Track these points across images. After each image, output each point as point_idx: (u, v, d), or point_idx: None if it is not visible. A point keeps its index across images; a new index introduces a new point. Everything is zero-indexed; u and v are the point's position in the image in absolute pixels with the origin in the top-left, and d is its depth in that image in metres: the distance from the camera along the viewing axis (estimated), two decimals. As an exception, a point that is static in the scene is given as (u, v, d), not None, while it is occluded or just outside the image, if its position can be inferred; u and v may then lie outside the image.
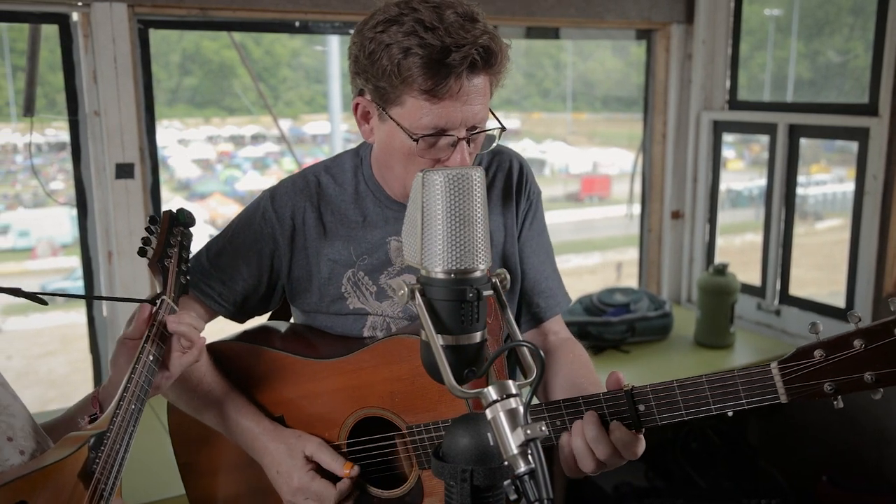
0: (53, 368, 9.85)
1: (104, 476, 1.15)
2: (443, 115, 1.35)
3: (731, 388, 1.24)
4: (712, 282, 3.23)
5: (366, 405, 1.50)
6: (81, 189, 2.67)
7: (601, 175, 15.39)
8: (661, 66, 3.68)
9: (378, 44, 1.35)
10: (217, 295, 1.57)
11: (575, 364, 1.55)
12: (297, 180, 1.59)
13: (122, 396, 1.22)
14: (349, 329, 1.58)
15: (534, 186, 1.66)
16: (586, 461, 1.30)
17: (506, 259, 1.62)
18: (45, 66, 2.83)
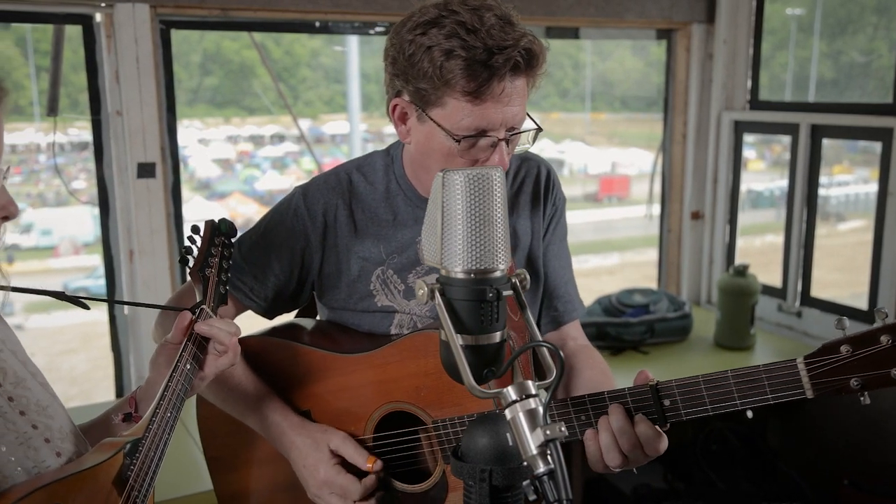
0: (75, 366, 9.94)
1: (138, 483, 1.15)
2: (484, 117, 1.37)
3: (757, 382, 1.24)
4: (732, 283, 3.21)
5: (392, 399, 1.51)
6: (103, 188, 2.70)
7: (620, 175, 15.32)
8: (682, 65, 3.66)
9: (418, 46, 1.37)
10: (248, 290, 1.59)
11: (595, 370, 1.57)
12: (329, 178, 1.60)
13: (158, 404, 1.22)
14: (376, 326, 1.59)
15: (560, 193, 1.70)
16: (612, 455, 1.31)
17: (532, 260, 1.65)
18: (68, 67, 2.86)
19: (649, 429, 1.29)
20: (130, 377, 2.82)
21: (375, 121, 12.02)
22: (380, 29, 3.03)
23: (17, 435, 1.10)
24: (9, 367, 1.16)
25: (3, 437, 1.08)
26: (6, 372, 1.15)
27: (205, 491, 2.17)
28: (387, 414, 1.53)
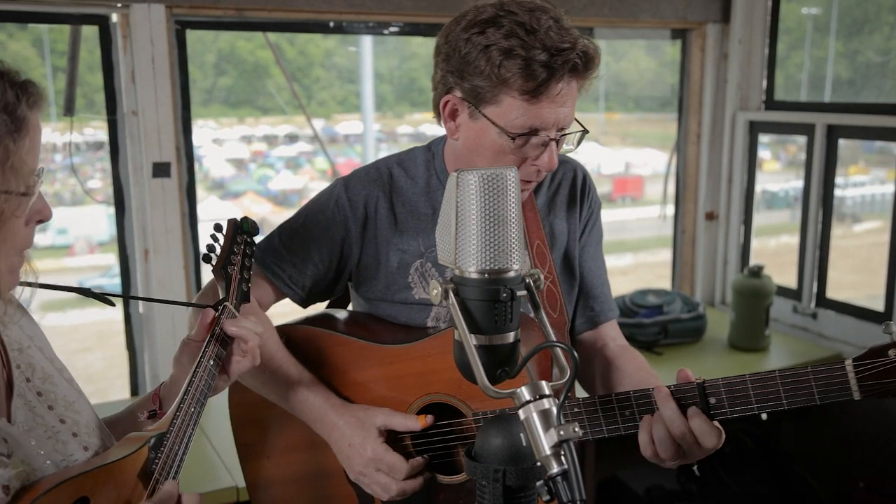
0: (90, 364, 10.00)
1: (162, 476, 1.16)
2: (538, 116, 1.40)
3: (804, 383, 1.26)
4: (747, 284, 3.19)
5: (432, 391, 1.53)
6: (119, 187, 2.72)
7: (634, 176, 15.26)
8: (697, 65, 3.64)
9: (474, 45, 1.39)
10: (288, 277, 1.60)
11: (642, 371, 1.58)
12: (370, 170, 1.63)
13: (182, 399, 1.23)
14: (413, 319, 1.61)
15: (595, 197, 1.73)
16: (665, 446, 1.32)
17: (568, 260, 1.68)
18: (84, 67, 2.88)
19: (704, 422, 1.30)
20: (145, 375, 2.84)
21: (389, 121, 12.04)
22: (394, 29, 3.04)
23: (45, 429, 1.12)
24: (37, 363, 1.18)
25: (33, 431, 1.10)
26: (34, 368, 1.17)
27: (223, 488, 2.18)
28: (426, 405, 1.54)
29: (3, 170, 0.97)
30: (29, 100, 1.00)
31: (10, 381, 1.12)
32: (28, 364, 1.16)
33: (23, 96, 1.00)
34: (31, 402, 1.13)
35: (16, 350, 1.16)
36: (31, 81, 1.02)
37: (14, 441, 1.06)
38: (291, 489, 1.67)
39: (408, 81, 12.07)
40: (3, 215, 0.99)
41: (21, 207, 1.01)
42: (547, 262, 1.62)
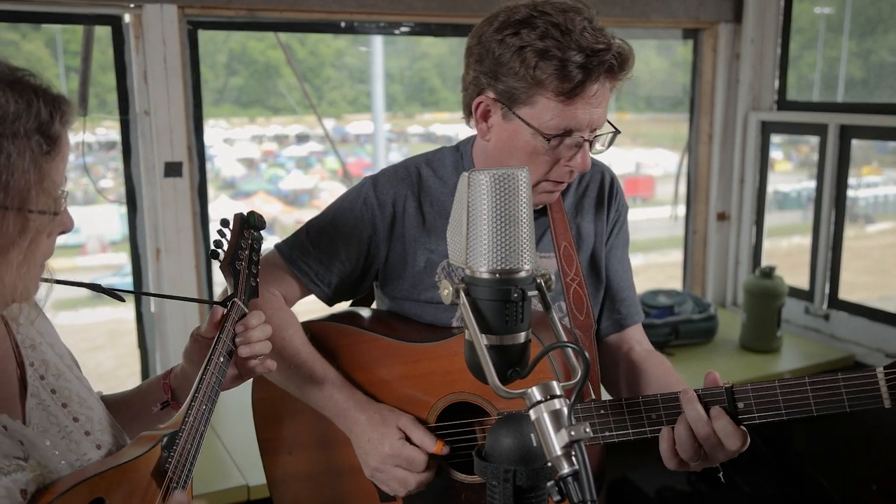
0: (101, 362, 10.04)
1: (176, 475, 1.17)
2: (573, 117, 1.41)
3: (834, 390, 1.25)
4: (759, 284, 3.18)
5: (457, 390, 1.53)
6: (131, 187, 2.73)
7: (644, 176, 15.22)
8: (708, 65, 3.63)
9: (508, 46, 1.40)
10: (314, 274, 1.61)
11: (669, 376, 1.58)
12: (398, 170, 1.63)
13: (193, 397, 1.24)
14: (439, 318, 1.62)
15: (622, 200, 1.73)
16: (686, 447, 1.32)
17: (595, 262, 1.68)
18: (97, 67, 2.89)
19: (728, 424, 1.30)
20: (157, 374, 2.84)
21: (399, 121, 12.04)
22: (405, 29, 3.04)
23: (59, 429, 1.12)
24: (49, 359, 1.18)
25: (48, 432, 1.10)
26: (48, 364, 1.17)
27: (234, 486, 2.19)
28: (450, 404, 1.54)
29: (37, 191, 0.98)
30: (62, 118, 1.01)
31: (23, 379, 1.13)
32: (41, 361, 1.17)
33: (56, 114, 1.00)
34: (45, 400, 1.13)
35: (28, 347, 1.16)
36: (63, 97, 1.02)
37: (30, 443, 1.06)
38: (312, 485, 1.67)
39: (418, 81, 12.07)
40: (35, 234, 0.99)
41: (51, 225, 1.02)
42: (574, 264, 1.61)
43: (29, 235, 0.98)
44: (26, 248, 0.99)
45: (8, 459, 1.01)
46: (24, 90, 0.97)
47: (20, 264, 0.99)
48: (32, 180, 0.96)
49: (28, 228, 0.98)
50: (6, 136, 0.94)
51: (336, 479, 1.64)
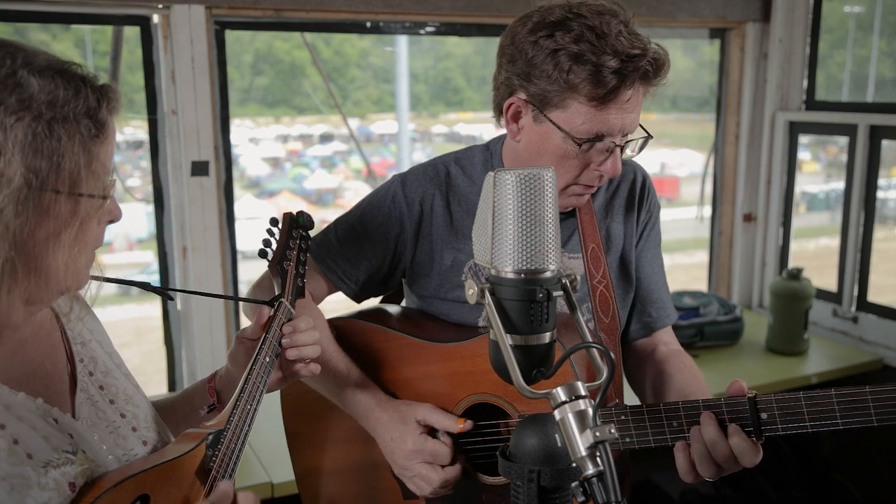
0: (128, 359, 10.10)
1: (220, 473, 1.17)
2: (605, 122, 1.39)
3: (862, 404, 1.22)
4: (786, 286, 3.14)
5: (479, 391, 1.53)
6: (159, 185, 2.76)
7: (670, 176, 15.10)
8: (736, 65, 3.60)
9: (542, 48, 1.38)
10: (342, 272, 1.62)
11: (686, 374, 1.56)
12: (427, 168, 1.63)
13: (238, 397, 1.25)
14: (465, 317, 1.61)
15: (654, 200, 1.70)
16: (705, 465, 1.31)
17: (624, 264, 1.66)
18: (124, 67, 2.92)
19: (743, 441, 1.28)
20: (182, 371, 2.88)
21: (423, 120, 12.05)
22: (430, 29, 3.04)
23: (107, 423, 1.14)
24: (98, 357, 1.20)
25: (96, 426, 1.12)
26: (96, 362, 1.19)
27: (257, 484, 2.20)
28: (473, 404, 1.54)
29: (87, 175, 1.00)
30: (109, 104, 1.03)
31: (73, 375, 1.15)
32: (91, 358, 1.19)
33: (104, 101, 1.02)
34: (93, 396, 1.15)
35: (79, 344, 1.18)
36: (109, 86, 1.04)
37: (79, 437, 1.08)
38: (339, 480, 1.69)
39: (443, 81, 12.08)
40: (85, 218, 1.01)
41: (100, 210, 1.04)
42: (601, 267, 1.59)
43: (79, 219, 1.00)
44: (77, 232, 1.01)
45: (58, 453, 1.03)
46: (72, 77, 1.00)
47: (71, 247, 1.00)
48: (82, 163, 0.99)
49: (78, 212, 1.00)
50: (57, 120, 0.96)
51: (362, 475, 1.65)
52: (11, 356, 1.06)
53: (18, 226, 0.95)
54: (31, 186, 0.95)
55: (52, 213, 0.98)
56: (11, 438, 0.99)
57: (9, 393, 1.02)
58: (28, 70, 0.97)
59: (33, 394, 1.05)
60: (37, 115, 0.95)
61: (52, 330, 1.16)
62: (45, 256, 0.99)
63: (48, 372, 1.11)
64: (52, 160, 0.96)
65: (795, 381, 2.94)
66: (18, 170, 0.94)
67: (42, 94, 0.96)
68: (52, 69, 0.99)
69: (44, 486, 0.98)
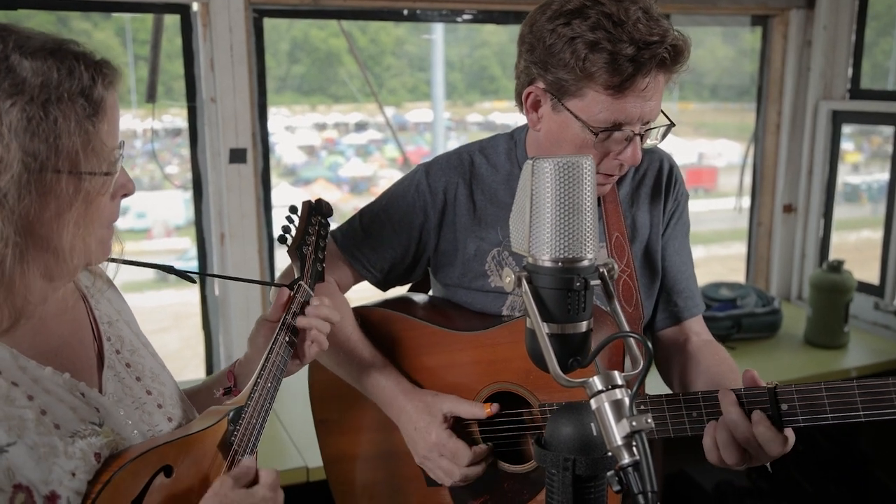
0: (166, 343, 10.31)
1: (241, 448, 1.21)
2: (622, 111, 1.38)
3: (884, 395, 1.20)
4: (826, 279, 3.09)
5: (500, 380, 1.54)
6: (197, 173, 2.79)
7: (707, 167, 14.92)
8: (778, 53, 3.53)
9: (559, 36, 1.37)
10: (366, 261, 1.63)
11: (722, 366, 1.54)
12: (451, 157, 1.63)
13: (259, 374, 1.28)
14: (489, 307, 1.62)
15: (682, 188, 1.68)
16: (728, 451, 1.30)
17: (650, 254, 1.64)
18: (164, 55, 2.96)
19: (768, 430, 1.26)
20: (220, 356, 2.92)
21: (459, 109, 12.02)
22: (467, 16, 3.03)
23: (133, 399, 1.17)
24: (125, 336, 1.23)
25: (122, 402, 1.15)
26: (123, 340, 1.22)
27: (294, 468, 2.23)
28: (494, 393, 1.55)
29: (86, 153, 1.01)
30: (105, 80, 1.03)
31: (100, 353, 1.18)
32: (117, 337, 1.22)
33: (98, 77, 1.03)
34: (120, 373, 1.18)
35: (105, 323, 1.21)
36: (106, 61, 1.05)
37: (105, 411, 1.11)
38: (365, 466, 1.70)
39: (478, 69, 12.04)
40: (90, 195, 1.03)
41: (105, 186, 1.05)
42: (625, 256, 1.58)
43: (83, 197, 1.02)
44: (83, 210, 1.02)
45: (84, 424, 1.06)
46: (65, 57, 1.01)
47: (78, 225, 1.02)
48: (80, 143, 1.00)
49: (82, 190, 1.01)
50: (51, 102, 0.98)
51: (387, 462, 1.67)
52: (38, 332, 1.09)
53: (23, 209, 0.97)
54: (31, 169, 0.97)
55: (55, 194, 1.00)
56: (39, 409, 1.02)
57: (36, 367, 1.05)
58: (20, 53, 0.98)
59: (60, 369, 1.08)
60: (30, 99, 0.97)
61: (79, 310, 1.18)
62: (53, 236, 1.01)
63: (75, 349, 1.14)
64: (50, 142, 0.98)
65: (834, 374, 2.90)
66: (17, 154, 0.96)
67: (35, 77, 0.97)
68: (45, 50, 1.00)
69: (70, 455, 1.02)
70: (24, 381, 1.03)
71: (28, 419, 1.00)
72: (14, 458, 0.96)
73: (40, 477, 0.98)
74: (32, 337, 1.08)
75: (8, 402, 0.99)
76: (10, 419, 0.98)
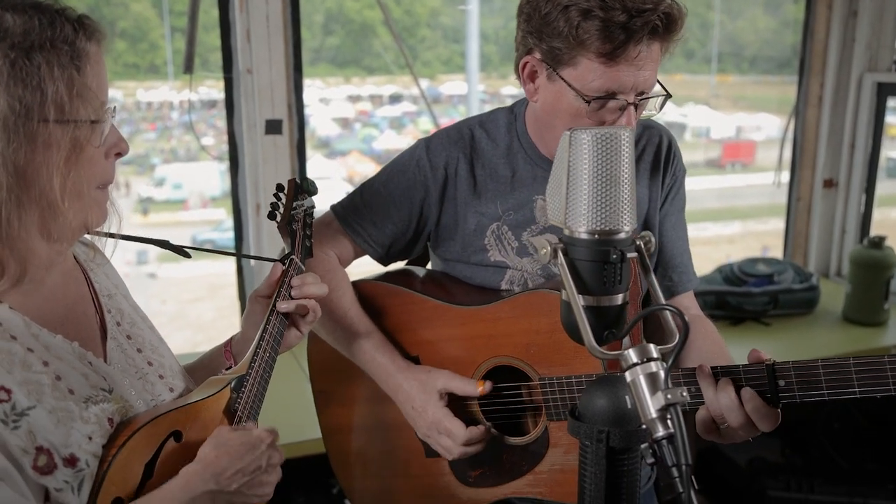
0: (201, 314, 10.50)
1: (245, 414, 1.25)
2: (615, 79, 1.37)
3: (880, 372, 1.20)
4: (866, 255, 3.04)
5: (500, 354, 1.55)
6: (234, 144, 2.81)
7: (745, 141, 14.67)
8: (822, 24, 3.44)
9: (554, 5, 1.36)
10: (367, 235, 1.64)
11: (707, 340, 1.55)
12: (451, 132, 1.63)
13: (258, 344, 1.32)
14: (488, 281, 1.62)
15: (680, 164, 1.67)
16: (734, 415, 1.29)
17: (648, 228, 1.64)
18: (200, 26, 2.97)
19: (760, 406, 1.27)
20: (255, 325, 2.95)
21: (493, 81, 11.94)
22: (503, -13, 3.00)
23: (136, 370, 1.21)
24: (124, 309, 1.27)
25: (126, 372, 1.18)
26: (122, 313, 1.25)
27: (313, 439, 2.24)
28: (493, 367, 1.56)
29: (71, 98, 1.02)
30: (86, 31, 1.05)
31: (103, 324, 1.21)
32: (117, 309, 1.25)
33: (80, 29, 1.05)
34: (122, 344, 1.21)
35: (105, 296, 1.24)
36: (85, 15, 1.07)
37: (112, 380, 1.14)
38: (363, 438, 1.72)
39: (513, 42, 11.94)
40: (79, 142, 1.04)
41: (94, 135, 1.06)
42: None
43: (70, 145, 1.03)
44: (71, 158, 1.04)
45: (95, 390, 1.10)
46: (46, 10, 1.03)
47: (67, 173, 1.04)
48: (64, 88, 1.02)
49: (69, 137, 1.03)
50: (34, 49, 1.00)
51: (385, 434, 1.69)
52: (46, 300, 1.12)
53: (12, 153, 0.99)
54: (18, 114, 0.99)
55: (43, 142, 1.02)
56: (54, 375, 1.05)
57: (48, 334, 1.08)
58: (1, 7, 1.01)
59: (69, 337, 1.11)
60: (12, 45, 0.99)
61: (81, 281, 1.21)
62: (43, 185, 1.03)
63: (80, 319, 1.17)
64: (34, 86, 1.00)
65: (873, 351, 2.85)
66: (3, 98, 0.98)
67: (17, 27, 1.00)
68: (27, 4, 1.03)
69: (86, 419, 1.05)
70: (38, 347, 1.05)
71: (45, 384, 1.03)
72: (35, 422, 0.99)
73: (60, 440, 1.01)
74: (42, 305, 1.10)
75: (25, 367, 1.02)
76: (28, 383, 1.01)
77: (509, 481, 1.58)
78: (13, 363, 1.01)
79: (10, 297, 1.06)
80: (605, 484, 0.96)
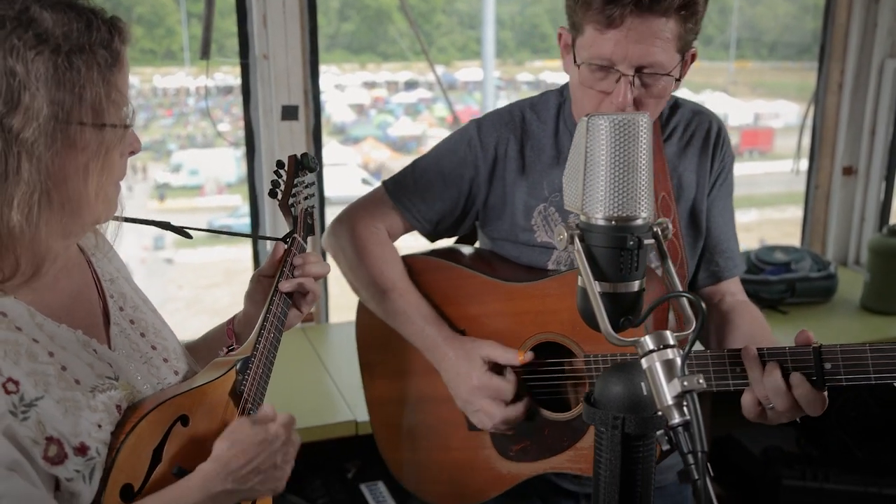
0: (218, 299, 10.56)
1: (251, 396, 1.26)
2: (607, 47, 1.39)
3: None
4: (886, 243, 3.01)
5: (547, 330, 1.56)
6: (250, 130, 2.81)
7: (763, 128, 14.54)
8: (843, 8, 3.40)
9: None
10: (417, 211, 1.68)
11: (754, 325, 1.56)
12: (503, 113, 1.67)
13: (262, 325, 1.32)
14: (535, 260, 1.64)
15: (729, 150, 1.69)
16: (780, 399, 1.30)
17: (695, 213, 1.66)
18: (216, 12, 2.97)
19: (808, 392, 1.28)
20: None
21: (509, 68, 11.89)
22: (520, -28, 2.98)
23: (140, 355, 1.21)
24: (127, 293, 1.27)
25: (131, 357, 1.19)
26: (125, 297, 1.26)
27: (342, 421, 2.27)
28: (539, 343, 1.57)
29: (108, 104, 1.03)
30: (121, 35, 1.06)
31: (106, 310, 1.21)
32: (120, 294, 1.25)
33: (115, 31, 1.05)
34: (125, 329, 1.22)
35: (108, 281, 1.24)
36: (117, 17, 1.08)
37: (117, 366, 1.15)
38: (407, 409, 1.75)
39: (529, 28, 11.88)
40: (109, 148, 1.05)
41: (122, 139, 1.07)
42: (671, 215, 1.60)
43: (104, 150, 1.04)
44: (103, 162, 1.05)
45: (101, 379, 1.10)
46: (82, 10, 1.03)
47: (100, 177, 1.05)
48: (103, 93, 1.02)
49: (103, 142, 1.04)
50: (74, 52, 1.00)
51: (429, 406, 1.71)
52: (50, 290, 1.12)
53: (50, 158, 1.00)
54: (58, 119, 0.99)
55: (79, 146, 1.02)
56: (60, 365, 1.06)
57: (52, 324, 1.09)
58: (39, 5, 1.00)
59: (72, 326, 1.11)
60: (55, 48, 0.99)
61: (83, 267, 1.21)
62: (77, 188, 1.04)
63: (83, 306, 1.17)
64: (75, 91, 1.00)
65: (891, 340, 2.83)
66: (44, 103, 0.98)
67: (57, 28, 1.00)
68: (62, 3, 1.02)
69: (94, 408, 1.06)
70: (43, 338, 1.06)
71: (51, 375, 1.03)
72: (44, 412, 1.00)
73: (69, 430, 1.02)
74: (45, 295, 1.10)
75: (31, 358, 1.02)
76: (35, 374, 1.01)
77: (550, 456, 1.59)
78: (19, 354, 1.01)
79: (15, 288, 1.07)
80: (619, 470, 0.96)
